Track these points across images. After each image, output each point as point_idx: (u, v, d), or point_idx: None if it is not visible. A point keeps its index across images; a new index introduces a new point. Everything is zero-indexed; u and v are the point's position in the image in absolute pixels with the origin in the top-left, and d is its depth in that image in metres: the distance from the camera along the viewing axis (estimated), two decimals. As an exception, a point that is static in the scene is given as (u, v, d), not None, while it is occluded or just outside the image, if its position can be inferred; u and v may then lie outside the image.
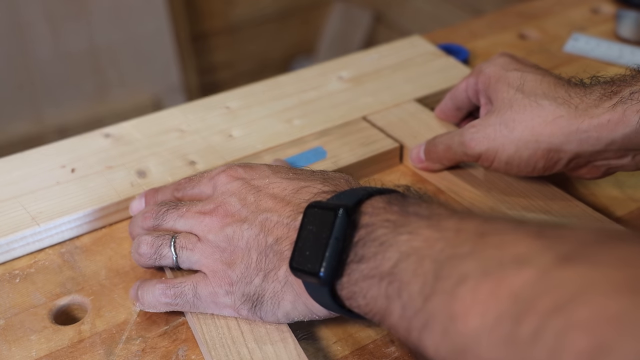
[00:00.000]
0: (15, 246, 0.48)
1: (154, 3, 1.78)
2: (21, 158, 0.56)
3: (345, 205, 0.34)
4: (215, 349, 0.38)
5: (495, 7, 1.65)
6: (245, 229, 0.39)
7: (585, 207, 0.49)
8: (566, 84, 0.47)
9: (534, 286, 0.25)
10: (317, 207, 0.36)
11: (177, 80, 1.92)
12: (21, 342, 0.42)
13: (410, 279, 0.30)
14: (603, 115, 0.43)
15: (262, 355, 0.38)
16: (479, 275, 0.27)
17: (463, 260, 0.28)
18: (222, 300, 0.39)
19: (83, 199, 0.51)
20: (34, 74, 1.72)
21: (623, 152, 0.45)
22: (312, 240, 0.35)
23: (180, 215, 0.42)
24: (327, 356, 0.40)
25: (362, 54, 0.71)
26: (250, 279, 0.38)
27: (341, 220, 0.34)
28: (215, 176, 0.43)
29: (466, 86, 0.54)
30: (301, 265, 0.35)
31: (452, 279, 0.28)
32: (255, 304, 0.39)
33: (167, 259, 0.42)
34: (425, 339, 0.29)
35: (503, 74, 0.50)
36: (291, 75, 0.68)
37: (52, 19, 1.67)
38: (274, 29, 2.15)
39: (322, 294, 0.35)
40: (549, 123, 0.45)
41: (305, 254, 0.35)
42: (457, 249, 0.29)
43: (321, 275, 0.33)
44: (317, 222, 0.35)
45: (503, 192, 0.51)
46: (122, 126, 0.60)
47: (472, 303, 0.27)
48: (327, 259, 0.33)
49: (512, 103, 0.47)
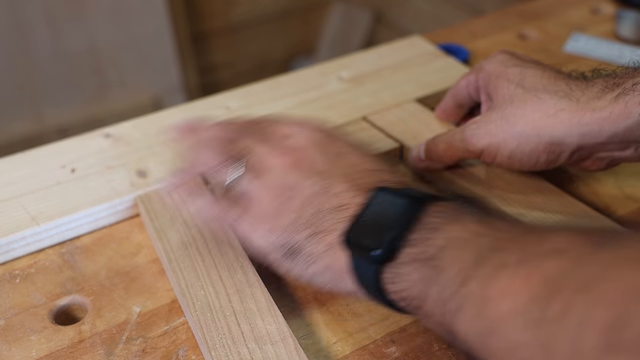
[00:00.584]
0: (15, 246, 0.48)
1: (154, 3, 1.78)
2: (21, 158, 0.56)
3: (413, 197, 0.35)
4: (215, 349, 0.38)
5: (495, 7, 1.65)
6: (310, 184, 0.39)
7: (585, 207, 0.49)
8: (567, 78, 0.47)
9: (566, 270, 0.26)
10: (387, 191, 0.36)
11: (177, 80, 1.92)
12: (21, 342, 0.42)
13: (451, 263, 0.31)
14: (605, 107, 0.43)
15: (262, 355, 0.38)
16: (517, 264, 0.28)
17: (504, 252, 0.29)
18: (258, 236, 0.40)
19: (83, 199, 0.51)
20: (34, 74, 1.72)
21: (626, 144, 0.45)
22: (375, 220, 0.35)
23: (263, 140, 0.42)
24: (327, 356, 0.40)
25: (362, 54, 0.71)
26: (296, 231, 0.39)
27: (407, 209, 0.34)
28: (300, 122, 0.43)
29: (467, 83, 0.54)
30: (358, 241, 0.35)
31: (490, 266, 0.29)
32: (291, 254, 0.39)
33: (229, 171, 0.42)
34: (458, 322, 0.30)
35: (503, 70, 0.50)
36: (291, 75, 0.68)
37: (52, 19, 1.67)
38: (274, 29, 2.15)
39: (366, 273, 0.35)
40: (551, 116, 0.45)
41: (365, 231, 0.35)
42: (502, 244, 0.30)
43: (377, 254, 0.34)
44: (386, 204, 0.35)
45: (503, 192, 0.51)
46: (122, 126, 0.60)
47: (507, 288, 0.27)
48: (387, 241, 0.34)
49: (513, 98, 0.47)
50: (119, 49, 1.80)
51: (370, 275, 0.35)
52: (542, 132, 0.45)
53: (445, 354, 0.40)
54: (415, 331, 0.42)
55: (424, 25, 1.98)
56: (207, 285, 0.43)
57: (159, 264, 0.48)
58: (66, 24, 1.70)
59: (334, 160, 0.40)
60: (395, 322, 0.42)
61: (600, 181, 0.55)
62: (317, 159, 0.40)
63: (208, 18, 1.98)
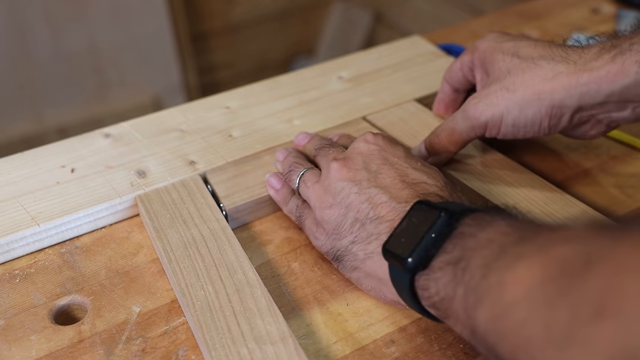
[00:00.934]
0: (15, 246, 0.48)
1: (154, 3, 1.78)
2: (21, 158, 0.56)
3: (449, 210, 0.36)
4: (215, 349, 0.38)
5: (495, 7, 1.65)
6: (354, 192, 0.42)
7: (585, 207, 0.49)
8: (562, 45, 0.48)
9: (574, 253, 0.27)
10: (425, 204, 0.38)
11: (177, 80, 1.92)
12: (21, 342, 0.42)
13: (476, 260, 0.32)
14: (602, 67, 0.44)
15: (261, 356, 0.38)
16: (534, 253, 0.29)
17: (524, 244, 0.30)
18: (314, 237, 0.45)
19: (83, 199, 0.51)
20: (34, 74, 1.72)
21: (623, 104, 0.45)
22: (410, 231, 0.37)
23: (324, 155, 0.47)
24: (327, 356, 0.40)
25: (362, 54, 0.71)
26: (340, 237, 0.42)
27: (442, 221, 0.36)
28: (365, 134, 0.47)
29: (461, 65, 0.55)
30: (394, 249, 0.37)
31: (510, 257, 0.30)
32: (337, 259, 0.43)
33: (292, 183, 0.48)
34: (477, 316, 0.31)
35: (497, 46, 0.51)
36: (291, 75, 0.68)
37: (52, 19, 1.67)
38: (274, 29, 2.15)
39: (402, 280, 0.37)
40: (550, 80, 0.46)
41: (401, 241, 0.37)
42: (524, 238, 0.31)
43: (408, 262, 0.35)
44: (421, 217, 0.37)
45: (503, 193, 0.51)
46: (122, 126, 0.60)
47: (523, 274, 0.29)
48: (418, 250, 0.35)
49: (510, 69, 0.48)
50: (119, 49, 1.80)
51: (405, 283, 0.36)
52: (543, 96, 0.46)
53: (445, 354, 0.40)
54: (415, 331, 0.42)
55: (424, 25, 1.98)
56: (207, 285, 0.43)
57: (158, 264, 0.48)
58: (66, 24, 1.70)
59: (379, 170, 0.43)
60: (395, 322, 0.42)
61: (600, 181, 0.55)
62: (365, 167, 0.43)
63: (208, 18, 1.98)
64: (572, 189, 0.54)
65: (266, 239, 0.50)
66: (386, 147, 0.45)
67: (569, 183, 0.54)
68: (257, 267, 0.47)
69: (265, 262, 0.48)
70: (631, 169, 0.56)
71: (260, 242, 0.50)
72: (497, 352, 0.30)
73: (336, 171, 0.44)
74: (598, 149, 0.59)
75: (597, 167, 0.56)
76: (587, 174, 0.56)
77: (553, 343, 0.26)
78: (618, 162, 0.57)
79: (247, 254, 0.45)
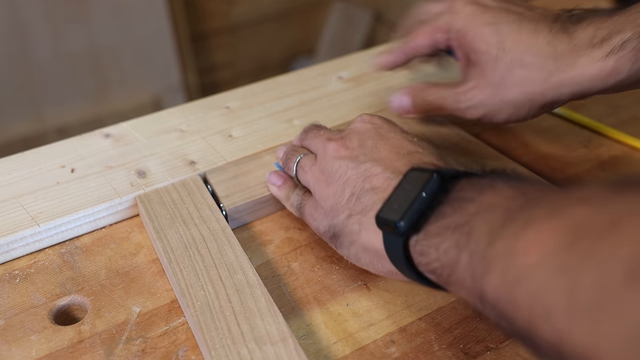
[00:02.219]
0: (15, 246, 0.48)
1: (154, 3, 1.78)
2: (21, 158, 0.56)
3: (441, 171, 0.35)
4: (215, 349, 0.38)
5: (495, 7, 1.64)
6: (351, 167, 0.42)
7: (585, 207, 0.49)
8: (547, 32, 0.46)
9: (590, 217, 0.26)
10: (417, 170, 0.37)
11: (177, 80, 1.92)
12: (21, 342, 0.42)
13: (481, 226, 0.31)
14: (595, 65, 0.44)
15: (261, 356, 0.38)
16: (544, 217, 0.28)
17: (533, 208, 0.29)
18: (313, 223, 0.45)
19: (83, 199, 0.51)
20: (34, 74, 1.72)
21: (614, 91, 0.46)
22: (402, 196, 0.36)
23: (315, 136, 0.47)
24: (327, 356, 0.40)
25: (362, 54, 0.71)
26: (337, 213, 0.42)
27: (434, 182, 0.35)
28: (362, 115, 0.47)
29: (432, 42, 0.52)
30: (385, 215, 0.36)
31: (519, 222, 0.29)
32: (334, 236, 0.42)
33: (290, 171, 0.48)
34: (486, 283, 0.30)
35: (477, 31, 0.49)
36: (291, 75, 0.68)
37: (52, 19, 1.67)
38: (274, 29, 2.15)
39: (395, 246, 0.36)
40: (542, 83, 0.46)
41: (393, 207, 0.36)
42: (531, 201, 0.30)
43: (399, 225, 0.35)
44: (413, 182, 0.37)
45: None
46: (122, 126, 0.60)
47: (533, 241, 0.27)
48: (409, 212, 0.35)
49: (497, 63, 0.47)
50: (119, 49, 1.80)
51: (399, 248, 0.36)
52: (535, 97, 0.47)
53: (445, 354, 0.40)
54: (415, 331, 0.42)
55: (424, 25, 1.97)
56: (207, 285, 0.43)
57: (158, 264, 0.48)
58: (66, 24, 1.70)
59: (375, 145, 0.42)
60: (395, 322, 0.42)
61: (600, 181, 0.55)
62: (361, 145, 0.43)
63: (208, 18, 1.98)
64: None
65: (266, 239, 0.50)
66: (382, 124, 0.45)
67: (569, 183, 0.54)
68: (257, 268, 0.47)
69: (265, 262, 0.48)
70: (631, 169, 0.56)
71: (260, 242, 0.50)
72: (511, 320, 0.28)
73: (333, 150, 0.44)
74: (598, 149, 0.59)
75: (597, 167, 0.56)
76: (587, 174, 0.55)
77: (578, 311, 0.24)
78: (618, 162, 0.57)
79: (247, 254, 0.45)
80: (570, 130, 0.61)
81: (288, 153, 0.49)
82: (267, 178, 0.51)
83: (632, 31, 0.43)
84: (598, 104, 0.64)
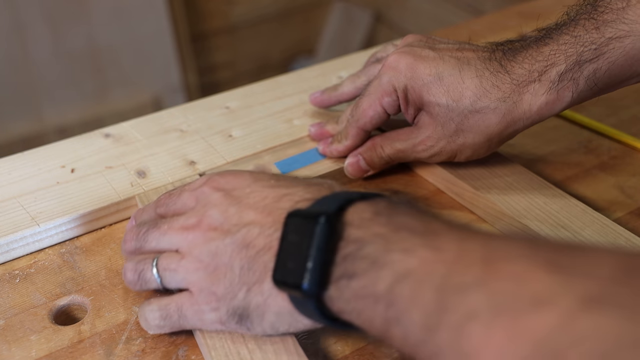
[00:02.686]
0: (15, 246, 0.48)
1: (154, 3, 1.79)
2: (21, 158, 0.56)
3: (326, 213, 0.33)
4: (215, 349, 0.38)
5: (495, 7, 1.65)
6: (228, 243, 0.37)
7: (585, 207, 0.49)
8: (487, 73, 0.47)
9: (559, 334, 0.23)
10: (297, 215, 0.35)
11: (177, 80, 1.92)
12: (21, 342, 0.42)
13: (410, 307, 0.29)
14: (540, 99, 0.46)
15: (262, 356, 0.38)
16: (490, 313, 0.25)
17: (470, 291, 0.27)
18: (208, 317, 0.38)
19: (83, 199, 0.51)
20: (34, 74, 1.72)
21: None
22: (293, 251, 0.34)
23: (163, 234, 0.40)
24: (327, 356, 0.40)
25: (362, 54, 0.71)
26: (234, 294, 0.37)
27: (322, 228, 0.33)
28: (197, 188, 0.41)
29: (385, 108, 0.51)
30: (284, 278, 0.34)
31: (459, 313, 0.27)
32: (242, 318, 0.37)
33: (152, 283, 0.40)
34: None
35: (422, 86, 0.48)
36: (291, 75, 0.68)
37: (52, 19, 1.67)
38: (274, 29, 2.15)
39: (307, 307, 0.34)
40: (497, 124, 0.47)
41: (288, 266, 0.34)
42: (462, 277, 0.27)
43: (304, 287, 0.32)
44: (298, 231, 0.34)
45: (503, 193, 0.51)
46: (122, 126, 0.60)
47: (485, 343, 0.25)
48: (310, 270, 0.32)
49: (450, 113, 0.48)
50: (119, 49, 1.80)
51: (312, 309, 0.34)
52: (493, 138, 0.49)
53: (445, 354, 0.40)
54: (415, 331, 0.42)
55: (424, 25, 1.98)
56: (207, 285, 0.42)
57: (158, 264, 0.48)
58: (66, 24, 1.70)
59: (239, 211, 0.38)
60: (395, 322, 0.42)
61: (600, 181, 0.55)
62: (225, 217, 0.38)
63: (208, 18, 1.98)
64: (572, 189, 0.54)
65: (266, 239, 0.50)
66: (230, 184, 0.40)
67: (569, 183, 0.54)
68: (257, 267, 0.47)
69: (265, 262, 0.48)
70: (631, 169, 0.56)
71: (260, 242, 0.50)
72: None
73: (201, 237, 0.38)
74: (598, 149, 0.59)
75: (597, 167, 0.56)
76: (587, 174, 0.56)
77: None
78: (618, 162, 0.57)
79: (247, 254, 0.45)
80: (570, 130, 0.61)
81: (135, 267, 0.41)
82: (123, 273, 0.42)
83: (566, 62, 0.45)
84: (598, 104, 0.64)
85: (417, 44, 0.51)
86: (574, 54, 0.45)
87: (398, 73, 0.49)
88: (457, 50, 0.49)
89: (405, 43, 0.51)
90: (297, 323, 0.37)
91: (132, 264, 0.41)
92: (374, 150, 0.53)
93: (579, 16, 0.46)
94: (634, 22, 0.43)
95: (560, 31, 0.46)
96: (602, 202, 0.52)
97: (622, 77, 0.45)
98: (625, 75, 0.45)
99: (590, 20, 0.45)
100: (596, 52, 0.44)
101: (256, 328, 0.38)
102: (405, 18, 2.10)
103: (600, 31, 0.44)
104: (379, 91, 0.50)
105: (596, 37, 0.44)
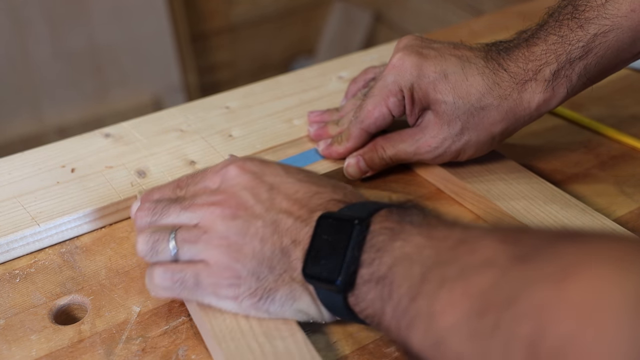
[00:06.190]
0: (15, 246, 0.48)
1: (154, 3, 1.78)
2: (21, 158, 0.56)
3: (361, 218, 0.36)
4: (226, 342, 0.38)
5: (495, 7, 1.65)
6: (260, 226, 0.38)
7: (585, 207, 0.49)
8: (487, 71, 0.48)
9: (494, 284, 0.28)
10: (331, 217, 0.37)
11: (177, 80, 1.92)
12: (21, 342, 0.42)
13: (401, 281, 0.33)
14: (538, 96, 0.48)
15: (272, 350, 0.37)
16: (455, 278, 0.30)
17: (445, 265, 0.31)
18: (224, 291, 0.38)
19: (83, 199, 0.51)
20: (34, 74, 1.72)
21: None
22: (328, 250, 0.36)
23: (185, 208, 0.41)
24: (327, 356, 0.40)
25: (362, 54, 0.71)
26: (262, 275, 0.38)
27: (358, 232, 0.35)
28: (222, 168, 0.41)
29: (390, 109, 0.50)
30: (316, 273, 0.36)
31: (434, 282, 0.31)
32: (263, 299, 0.38)
33: (165, 254, 0.40)
34: (412, 336, 0.32)
35: (428, 84, 0.49)
36: (291, 75, 0.68)
37: (52, 19, 1.67)
38: (274, 29, 2.15)
39: (335, 301, 0.37)
40: (501, 121, 0.49)
41: (321, 262, 0.36)
42: (442, 256, 0.32)
43: (338, 283, 0.35)
44: (333, 232, 0.36)
45: (503, 193, 0.51)
46: (122, 126, 0.60)
47: (448, 302, 0.30)
48: (344, 268, 0.35)
49: (456, 111, 0.48)
50: (119, 49, 1.80)
51: (340, 302, 0.36)
52: (496, 135, 0.50)
53: (445, 353, 0.40)
54: (415, 331, 0.42)
55: (424, 25, 1.98)
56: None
57: (158, 264, 0.48)
58: (66, 24, 1.70)
59: (274, 195, 0.39)
60: (395, 322, 0.42)
61: (600, 181, 0.55)
62: (252, 201, 0.39)
63: (208, 18, 1.98)
64: (572, 189, 0.54)
65: (266, 238, 0.50)
66: (261, 168, 0.41)
67: (569, 183, 0.54)
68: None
69: (265, 262, 0.48)
70: (631, 169, 0.56)
71: (260, 242, 0.50)
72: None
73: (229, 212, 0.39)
74: (598, 149, 0.59)
75: (597, 167, 0.56)
76: (587, 174, 0.56)
77: None
78: (618, 162, 0.57)
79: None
80: (570, 130, 0.61)
81: (149, 238, 0.41)
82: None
83: (557, 61, 0.47)
84: (598, 104, 0.64)
85: (416, 45, 0.51)
86: (563, 53, 0.47)
87: (404, 72, 0.49)
88: (454, 49, 0.50)
89: (403, 45, 0.52)
90: (320, 315, 0.39)
91: (145, 234, 0.41)
92: (375, 152, 0.53)
93: (562, 17, 0.47)
94: (615, 16, 0.45)
95: (547, 32, 0.47)
96: (602, 202, 0.52)
97: (610, 66, 0.48)
98: (613, 64, 0.48)
99: (573, 20, 0.46)
100: (584, 49, 0.46)
101: (276, 312, 0.39)
102: (405, 18, 2.10)
103: (584, 29, 0.46)
104: (384, 92, 0.50)
105: (582, 35, 0.46)
